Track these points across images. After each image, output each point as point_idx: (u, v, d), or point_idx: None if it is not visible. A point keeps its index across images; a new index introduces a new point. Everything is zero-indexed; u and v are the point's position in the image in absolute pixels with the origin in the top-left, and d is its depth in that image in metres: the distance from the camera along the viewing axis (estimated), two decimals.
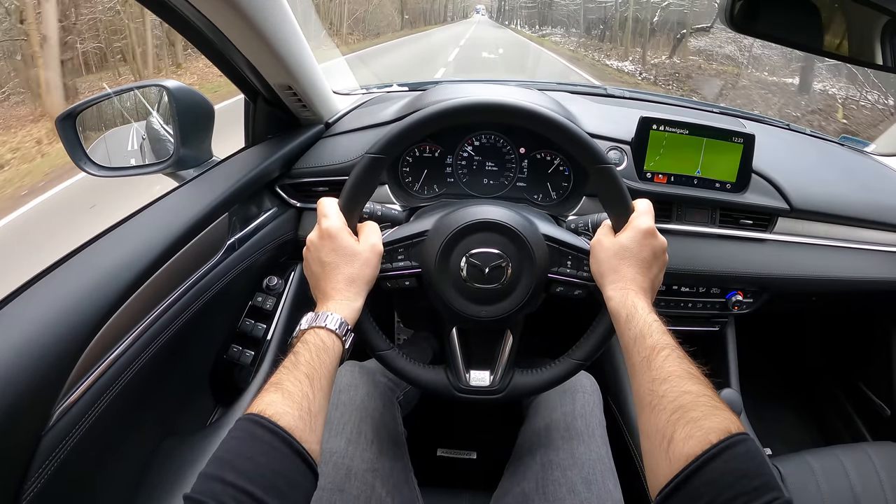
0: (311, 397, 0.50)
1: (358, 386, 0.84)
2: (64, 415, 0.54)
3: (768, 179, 0.98)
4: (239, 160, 0.90)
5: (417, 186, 0.95)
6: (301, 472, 0.46)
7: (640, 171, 0.94)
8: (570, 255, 0.68)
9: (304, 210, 0.99)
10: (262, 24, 0.72)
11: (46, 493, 0.52)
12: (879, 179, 1.15)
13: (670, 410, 0.46)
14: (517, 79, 1.33)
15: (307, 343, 0.54)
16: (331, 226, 0.62)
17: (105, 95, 0.95)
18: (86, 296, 0.57)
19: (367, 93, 1.17)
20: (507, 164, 0.95)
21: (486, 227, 0.66)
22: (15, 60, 7.48)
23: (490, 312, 0.67)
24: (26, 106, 7.09)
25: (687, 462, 0.42)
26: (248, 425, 0.46)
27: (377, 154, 0.64)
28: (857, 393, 1.33)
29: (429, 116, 0.65)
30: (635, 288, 0.60)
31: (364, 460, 0.72)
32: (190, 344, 0.78)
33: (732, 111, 1.28)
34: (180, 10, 0.68)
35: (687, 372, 0.50)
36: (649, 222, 0.63)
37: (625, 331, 0.57)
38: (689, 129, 0.92)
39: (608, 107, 1.12)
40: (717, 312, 1.05)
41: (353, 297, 0.61)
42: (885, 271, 1.05)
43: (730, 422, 0.44)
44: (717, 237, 0.99)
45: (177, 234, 0.70)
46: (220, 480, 0.41)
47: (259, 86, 0.87)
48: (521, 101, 0.65)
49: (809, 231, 1.02)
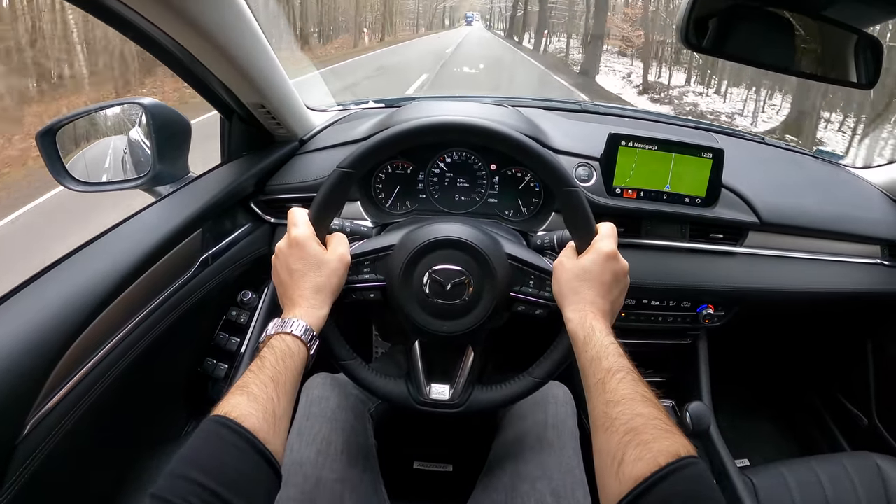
0: (276, 401, 0.51)
1: (329, 398, 0.85)
2: (38, 425, 0.55)
3: (738, 193, 0.99)
4: (214, 177, 0.91)
5: (390, 203, 0.97)
6: (265, 473, 0.47)
7: (609, 187, 0.95)
8: (532, 275, 0.69)
9: (278, 226, 1.00)
10: (233, 47, 0.74)
11: (20, 500, 0.53)
12: (852, 192, 1.17)
13: (622, 432, 0.48)
14: (492, 94, 1.33)
15: (273, 348, 0.56)
16: (299, 234, 0.63)
17: (85, 111, 0.97)
18: (61, 308, 0.59)
19: (342, 109, 1.19)
20: (478, 180, 0.96)
21: (450, 244, 0.68)
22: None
23: (451, 328, 0.68)
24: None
25: (636, 483, 0.43)
26: (214, 426, 0.47)
27: (347, 168, 0.66)
28: (835, 403, 1.34)
29: (398, 134, 0.67)
30: (594, 310, 0.61)
31: (333, 471, 0.73)
32: (164, 357, 0.79)
33: (706, 125, 1.29)
34: (153, 35, 0.69)
35: (640, 395, 0.51)
36: (611, 246, 0.64)
37: (582, 352, 0.58)
38: (657, 144, 0.94)
39: (579, 122, 1.13)
40: (689, 326, 1.06)
41: (319, 305, 0.62)
42: (857, 282, 1.07)
43: (680, 445, 0.45)
44: (687, 251, 1.00)
45: (150, 249, 0.72)
46: (186, 479, 0.42)
47: (233, 104, 0.89)
48: (488, 122, 0.67)
49: (780, 244, 1.03)
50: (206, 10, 0.65)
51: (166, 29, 0.66)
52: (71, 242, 0.71)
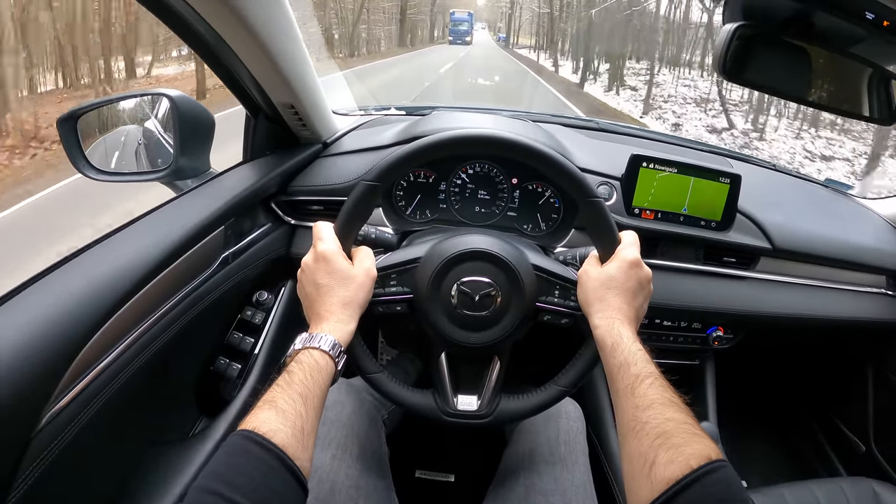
0: (305, 416, 0.51)
1: (345, 403, 0.84)
2: (54, 418, 0.55)
3: (752, 219, 1.01)
4: (237, 174, 0.91)
5: (410, 211, 0.97)
6: (293, 489, 0.47)
7: (629, 207, 0.97)
8: (557, 285, 0.70)
9: (298, 227, 1.00)
10: (272, 44, 0.74)
11: (34, 493, 0.53)
12: (860, 222, 1.19)
13: (653, 436, 0.48)
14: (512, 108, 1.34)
15: (301, 363, 0.56)
16: (326, 249, 0.63)
17: (108, 100, 0.96)
18: (81, 302, 0.58)
19: (365, 114, 1.20)
20: (499, 193, 0.97)
21: (478, 256, 0.68)
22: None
23: (479, 339, 0.68)
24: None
25: (668, 485, 0.44)
26: (242, 441, 0.47)
27: (373, 181, 0.66)
28: (833, 429, 1.36)
29: (425, 147, 0.67)
30: (621, 317, 0.63)
31: (348, 476, 0.73)
32: (179, 354, 0.79)
33: (721, 150, 1.31)
34: (193, 25, 0.69)
35: (669, 400, 0.52)
36: (635, 253, 0.66)
37: (610, 358, 0.59)
38: (677, 167, 0.95)
39: (600, 142, 1.14)
40: (698, 347, 1.07)
41: (347, 320, 0.62)
42: (861, 311, 1.09)
43: (710, 449, 0.46)
44: (700, 273, 1.01)
45: (174, 245, 0.71)
46: (214, 493, 0.42)
47: (262, 102, 0.89)
48: (516, 136, 0.68)
49: (790, 270, 1.05)
50: (253, 4, 0.66)
51: (210, 19, 0.66)
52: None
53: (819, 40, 0.70)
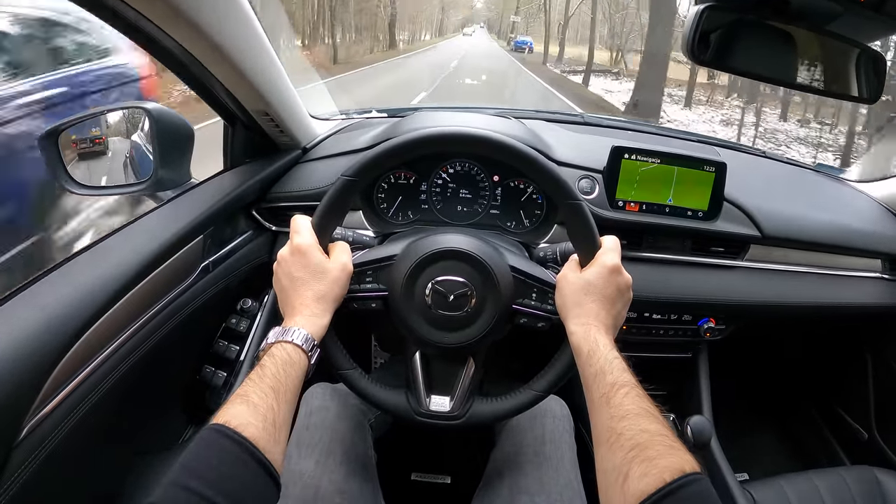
0: (276, 409, 0.51)
1: (329, 408, 0.84)
2: (35, 429, 0.55)
3: (740, 207, 1.00)
4: (216, 183, 0.91)
5: (392, 213, 0.97)
6: (265, 482, 0.47)
7: (612, 200, 0.96)
8: (535, 288, 0.69)
9: (280, 234, 1.00)
10: (239, 55, 0.74)
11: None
12: (853, 206, 1.17)
13: (627, 448, 0.47)
14: (495, 106, 1.34)
15: (273, 356, 0.56)
16: (302, 242, 0.63)
17: (89, 114, 0.97)
18: (60, 312, 0.59)
19: (346, 118, 1.19)
20: (481, 191, 0.96)
21: (453, 255, 0.67)
22: None
23: (453, 339, 0.68)
24: None
25: (640, 499, 0.43)
26: (213, 435, 0.47)
27: (351, 177, 0.66)
28: (834, 417, 1.34)
29: (403, 144, 0.67)
30: (598, 324, 0.61)
31: (332, 482, 0.73)
32: (162, 364, 0.79)
33: (708, 139, 1.30)
34: (156, 38, 0.69)
35: (645, 411, 0.51)
36: (615, 259, 0.64)
37: (586, 366, 0.58)
38: (660, 157, 0.94)
39: (582, 135, 1.13)
40: (690, 339, 1.06)
41: (321, 314, 0.62)
42: (857, 296, 1.07)
43: (685, 462, 0.45)
44: (689, 264, 1.00)
45: (151, 255, 0.71)
46: (185, 488, 0.42)
47: (237, 111, 0.89)
48: (493, 134, 0.67)
49: (781, 258, 1.03)
50: (209, 12, 0.65)
51: (170, 31, 0.66)
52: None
53: (797, 19, 0.69)
